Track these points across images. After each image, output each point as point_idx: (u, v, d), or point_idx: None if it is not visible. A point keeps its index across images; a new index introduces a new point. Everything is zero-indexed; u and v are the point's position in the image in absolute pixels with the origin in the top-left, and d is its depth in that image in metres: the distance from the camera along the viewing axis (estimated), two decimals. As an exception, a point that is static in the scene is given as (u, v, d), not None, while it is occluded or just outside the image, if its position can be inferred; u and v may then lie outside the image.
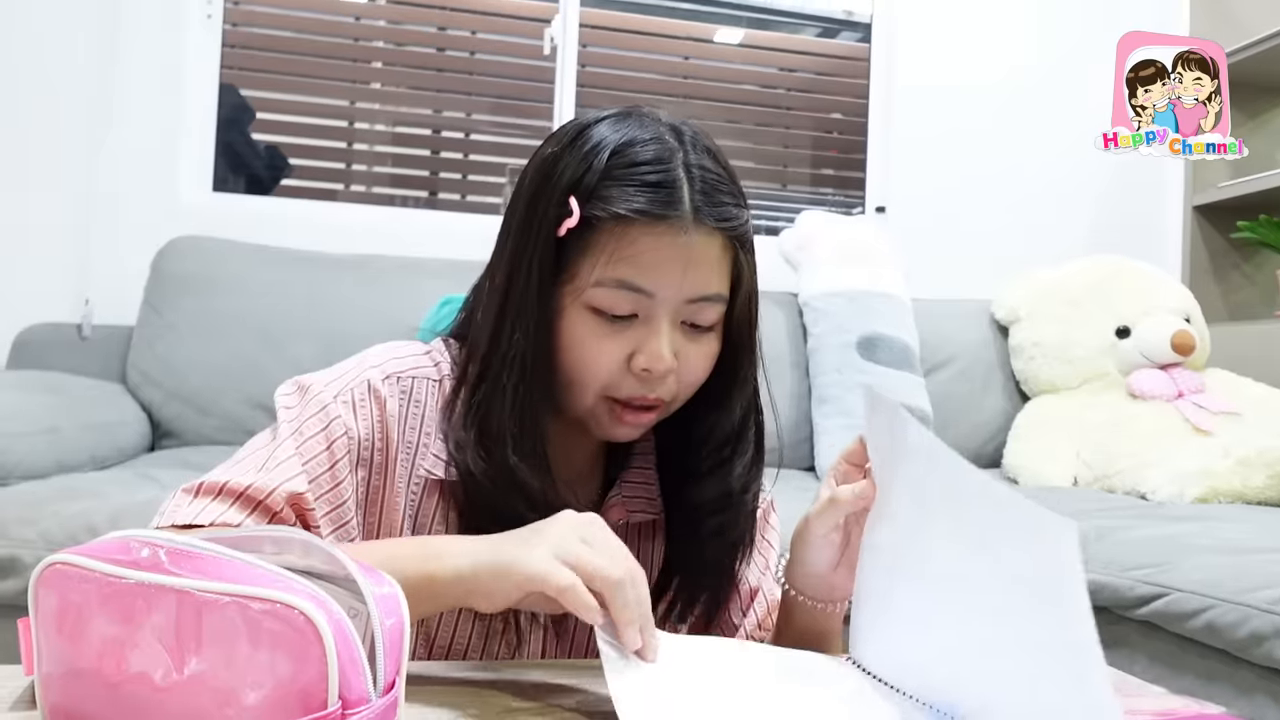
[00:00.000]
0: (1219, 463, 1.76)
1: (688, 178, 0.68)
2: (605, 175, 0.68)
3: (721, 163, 0.72)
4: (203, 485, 0.65)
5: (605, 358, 0.69)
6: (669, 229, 0.67)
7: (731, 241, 0.70)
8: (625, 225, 0.67)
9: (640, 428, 0.72)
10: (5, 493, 1.36)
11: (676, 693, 0.55)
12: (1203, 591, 1.23)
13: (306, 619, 0.42)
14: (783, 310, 2.20)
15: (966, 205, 2.61)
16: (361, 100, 2.51)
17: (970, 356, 2.27)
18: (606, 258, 0.67)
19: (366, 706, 0.42)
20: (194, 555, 0.46)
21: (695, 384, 0.72)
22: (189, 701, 0.44)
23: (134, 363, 1.95)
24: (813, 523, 0.69)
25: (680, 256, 0.67)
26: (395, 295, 2.01)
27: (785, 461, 2.06)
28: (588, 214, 0.67)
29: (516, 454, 0.69)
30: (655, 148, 0.69)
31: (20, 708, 0.53)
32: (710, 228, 0.68)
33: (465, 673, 0.64)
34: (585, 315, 0.68)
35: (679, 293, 0.68)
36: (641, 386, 0.69)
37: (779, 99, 2.71)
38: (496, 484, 0.68)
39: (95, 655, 0.47)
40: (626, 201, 0.67)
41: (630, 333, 0.69)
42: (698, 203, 0.68)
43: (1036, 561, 0.46)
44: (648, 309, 0.68)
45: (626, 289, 0.67)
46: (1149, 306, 2.15)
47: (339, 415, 0.69)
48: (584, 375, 0.70)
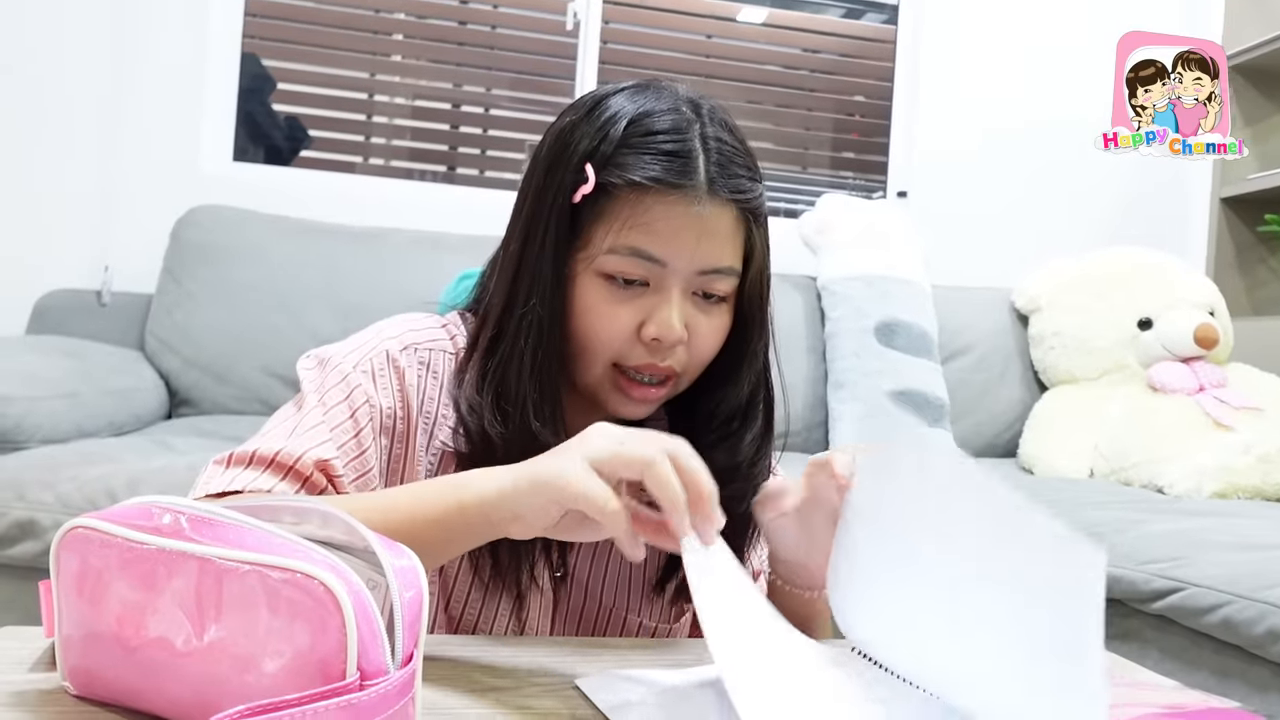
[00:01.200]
0: (1239, 458, 1.75)
1: (704, 149, 0.68)
2: (621, 144, 0.68)
3: (738, 137, 0.71)
4: (233, 456, 0.66)
5: (616, 325, 0.69)
6: (683, 198, 0.67)
7: (745, 215, 0.70)
8: (640, 193, 0.67)
9: (648, 404, 0.72)
10: (25, 456, 1.37)
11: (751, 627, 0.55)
12: (1220, 587, 1.22)
13: (326, 589, 0.42)
14: (801, 293, 2.18)
15: (989, 192, 2.59)
16: (382, 73, 2.49)
17: (989, 345, 2.26)
18: (620, 225, 0.67)
19: (384, 679, 0.42)
20: (215, 523, 0.46)
21: (706, 358, 0.72)
22: (208, 668, 0.44)
23: (152, 330, 1.96)
24: (759, 509, 0.70)
25: (693, 226, 0.67)
26: (413, 269, 2.01)
27: (799, 446, 2.05)
28: (603, 181, 0.68)
29: (539, 419, 0.69)
30: (672, 118, 0.69)
31: (40, 668, 0.54)
32: (724, 199, 0.68)
33: (481, 646, 0.64)
34: (597, 282, 0.69)
35: (691, 263, 0.68)
36: (651, 355, 0.69)
37: (801, 80, 2.68)
38: (513, 449, 0.68)
39: (115, 619, 0.47)
40: (642, 169, 0.67)
41: (641, 301, 0.69)
42: (713, 174, 0.68)
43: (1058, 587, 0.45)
44: (659, 278, 0.68)
45: (639, 257, 0.67)
46: (1172, 299, 2.13)
47: (359, 384, 0.70)
48: (594, 342, 0.70)
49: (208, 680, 0.44)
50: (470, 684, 0.56)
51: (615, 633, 0.78)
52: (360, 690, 0.41)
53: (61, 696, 0.50)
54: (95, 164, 2.14)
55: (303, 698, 0.40)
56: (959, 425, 2.10)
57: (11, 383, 1.46)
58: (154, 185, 2.16)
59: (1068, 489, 1.79)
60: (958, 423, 2.10)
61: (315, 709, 0.40)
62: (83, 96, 2.14)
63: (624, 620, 0.78)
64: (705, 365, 0.73)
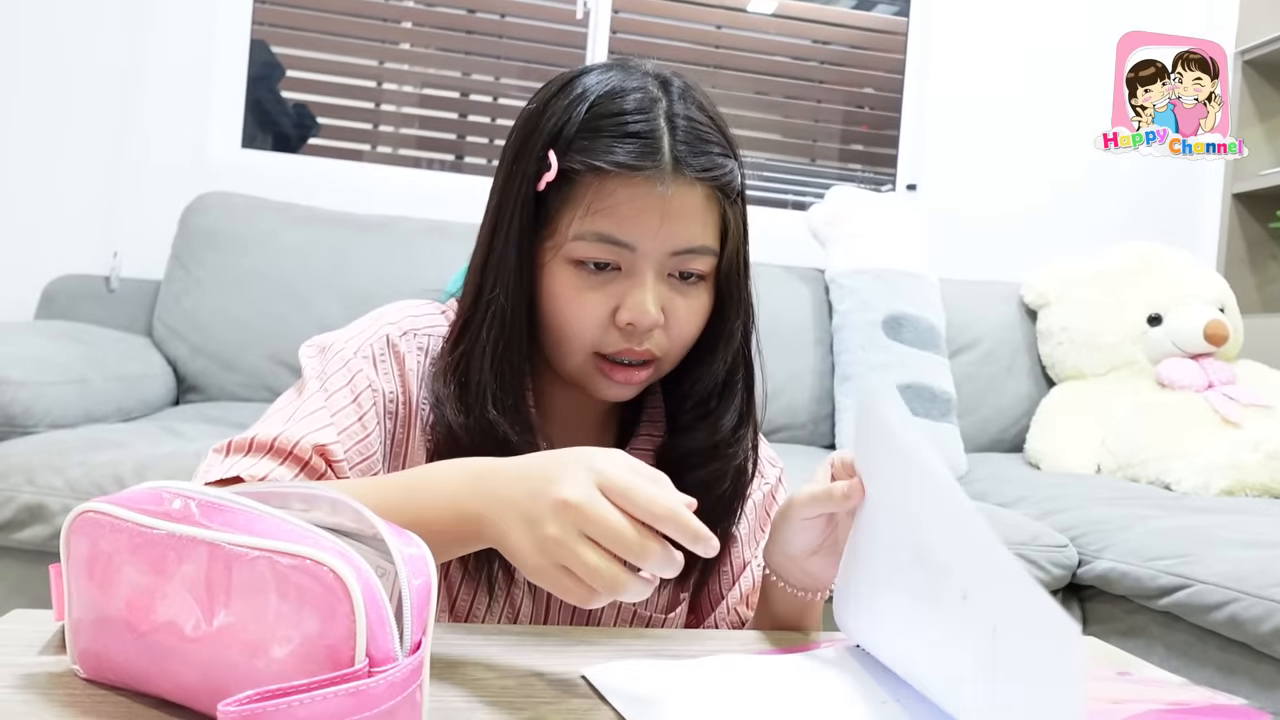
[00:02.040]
0: (1248, 456, 1.74)
1: (669, 128, 0.67)
2: (584, 127, 0.67)
3: (709, 112, 0.70)
4: (232, 443, 0.66)
5: (589, 312, 0.68)
6: (646, 180, 0.65)
7: (716, 192, 0.68)
8: (602, 177, 0.66)
9: (632, 386, 0.71)
10: (33, 440, 1.38)
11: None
12: (1227, 584, 1.22)
13: (336, 576, 0.42)
14: (809, 286, 2.18)
15: (999, 186, 2.57)
16: (390, 60, 2.49)
17: (996, 339, 2.25)
18: (584, 211, 0.66)
19: (393, 666, 0.42)
20: (225, 509, 0.47)
21: (687, 340, 0.71)
22: (217, 653, 0.45)
23: (160, 317, 1.96)
24: (798, 504, 0.67)
25: (658, 208, 0.66)
26: (420, 257, 2.01)
27: (806, 439, 2.05)
28: (565, 166, 0.67)
29: (496, 409, 0.68)
30: (638, 97, 0.68)
31: (50, 651, 0.54)
32: (691, 179, 0.67)
33: (486, 636, 0.64)
34: (567, 269, 0.68)
35: (661, 245, 0.67)
36: (628, 340, 0.68)
37: (811, 71, 2.67)
38: (475, 439, 0.68)
39: (124, 603, 0.48)
40: (603, 154, 0.66)
41: (614, 286, 0.68)
42: (679, 152, 0.66)
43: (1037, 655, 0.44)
44: (630, 262, 0.67)
45: (605, 242, 0.66)
46: (1182, 295, 2.12)
47: (361, 369, 0.70)
48: (569, 331, 0.69)
49: (216, 665, 0.45)
50: (476, 673, 0.56)
51: (609, 622, 0.78)
52: (369, 677, 0.41)
53: (71, 679, 0.50)
54: (104, 150, 2.14)
55: (311, 684, 0.40)
56: (965, 420, 2.10)
57: (21, 367, 1.47)
58: (163, 172, 2.16)
59: (1074, 484, 1.79)
60: (964, 417, 2.09)
61: (324, 695, 0.40)
62: (92, 82, 2.14)
63: (618, 608, 0.77)
64: (687, 347, 0.72)
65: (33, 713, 0.47)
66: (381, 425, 0.70)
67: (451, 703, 0.50)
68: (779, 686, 0.58)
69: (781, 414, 2.03)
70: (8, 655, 0.53)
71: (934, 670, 0.54)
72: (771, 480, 0.84)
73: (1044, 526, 1.50)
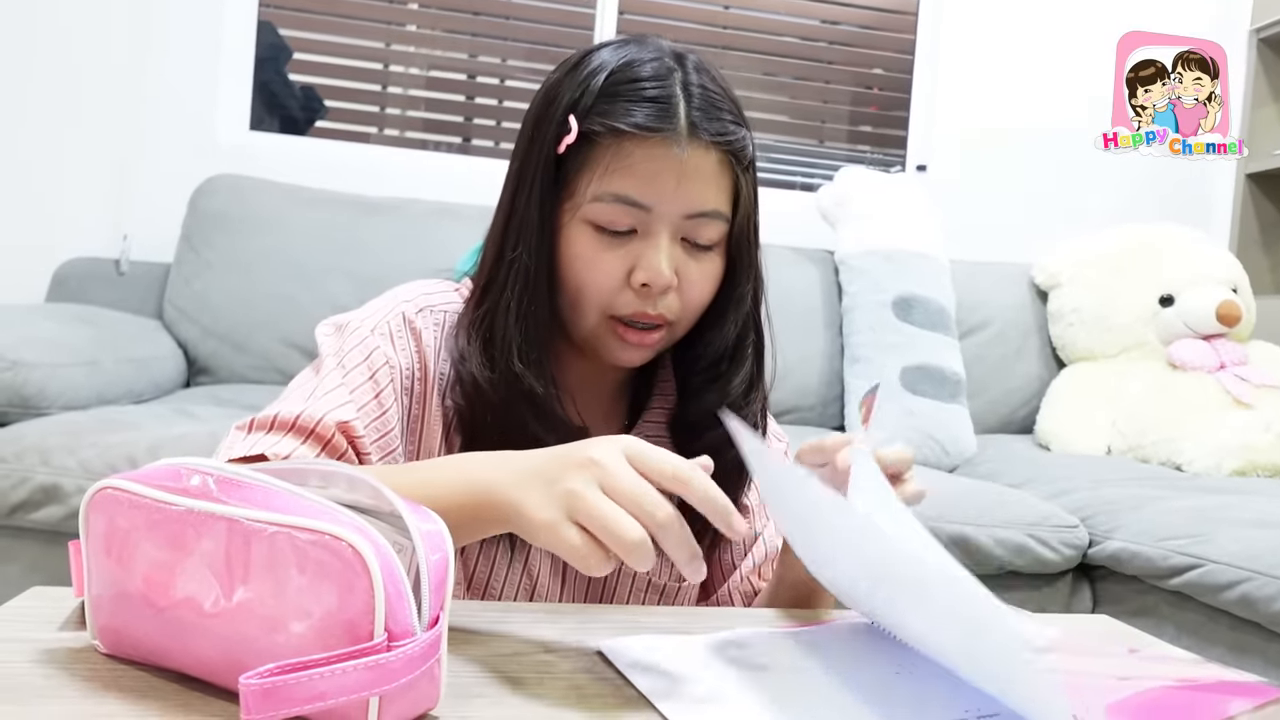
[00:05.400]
0: (1259, 436, 1.73)
1: (685, 94, 0.69)
2: (603, 93, 0.69)
3: (721, 84, 0.72)
4: (254, 421, 0.66)
5: (604, 273, 0.69)
6: (664, 142, 0.67)
7: (729, 158, 0.70)
8: (621, 139, 0.68)
9: (645, 349, 0.73)
10: (47, 422, 1.38)
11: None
12: (1239, 564, 1.22)
13: (354, 551, 0.42)
14: (818, 267, 2.17)
15: (1010, 166, 2.55)
16: (397, 43, 2.48)
17: (1007, 320, 2.24)
18: (603, 172, 0.68)
19: (412, 640, 0.42)
20: (243, 484, 0.47)
21: (699, 304, 0.73)
22: (236, 628, 0.45)
23: (170, 299, 1.97)
24: (798, 457, 0.69)
25: (675, 170, 0.68)
26: (430, 239, 2.00)
27: (815, 420, 2.05)
28: (585, 129, 0.69)
29: (521, 361, 0.70)
30: (654, 66, 0.70)
31: (69, 627, 0.54)
32: (706, 143, 0.69)
33: (501, 611, 0.64)
34: (585, 231, 0.70)
35: (676, 207, 0.69)
36: (642, 303, 0.70)
37: (820, 52, 2.65)
38: (500, 391, 0.69)
39: (143, 579, 0.48)
40: (622, 116, 0.68)
41: (629, 248, 0.69)
42: (694, 118, 0.68)
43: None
44: (646, 224, 0.69)
45: (623, 203, 0.68)
46: (1195, 275, 2.10)
47: (378, 346, 0.71)
48: (585, 291, 0.70)
49: (236, 640, 0.45)
50: (492, 648, 0.56)
51: (624, 590, 0.79)
52: (388, 650, 0.41)
53: (91, 655, 0.51)
54: (113, 133, 2.14)
55: (330, 657, 0.40)
56: (975, 401, 2.09)
57: (34, 349, 1.48)
58: (171, 154, 2.16)
59: (1085, 465, 1.78)
60: (974, 399, 2.09)
61: (344, 668, 0.40)
62: (100, 65, 2.14)
63: (634, 578, 0.79)
64: (699, 312, 0.73)
65: (53, 687, 0.47)
66: (399, 401, 0.71)
67: (468, 677, 0.51)
68: (793, 660, 0.59)
69: (791, 395, 2.02)
70: (27, 631, 0.53)
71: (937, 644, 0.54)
72: (778, 451, 0.85)
73: (1054, 507, 1.50)
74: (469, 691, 0.49)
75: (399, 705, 0.43)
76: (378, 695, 0.41)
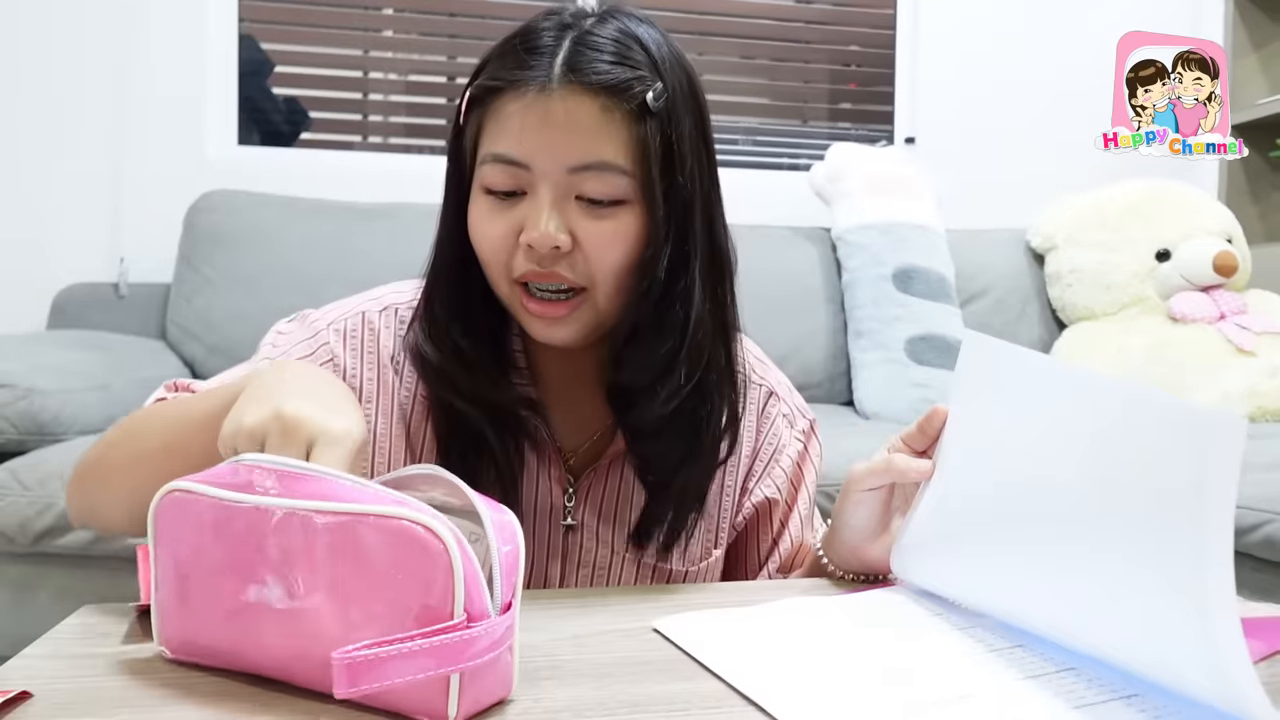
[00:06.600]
0: (1265, 382, 1.75)
1: (572, 44, 0.65)
2: (494, 54, 0.67)
3: (637, 35, 0.67)
4: (177, 384, 0.74)
5: (497, 236, 0.66)
6: (529, 91, 0.64)
7: (616, 101, 0.64)
8: (494, 97, 0.66)
9: (558, 322, 0.68)
10: (65, 447, 1.38)
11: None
12: (1260, 506, 1.23)
13: (431, 532, 0.42)
14: (815, 245, 2.18)
15: (998, 133, 2.56)
16: (375, 49, 2.47)
17: (1006, 286, 2.25)
18: (487, 133, 0.66)
19: (489, 621, 0.43)
20: (306, 478, 0.47)
21: (611, 265, 0.66)
22: (313, 620, 0.45)
23: (173, 319, 1.96)
24: (856, 477, 0.67)
25: (545, 120, 0.63)
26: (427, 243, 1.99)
27: (823, 397, 2.06)
28: (472, 94, 0.67)
29: (465, 336, 0.70)
30: (556, 20, 0.67)
31: (132, 640, 0.54)
32: (583, 86, 0.63)
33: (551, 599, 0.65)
34: (481, 198, 0.68)
35: (554, 161, 0.64)
36: (534, 264, 0.66)
37: (797, 32, 2.65)
38: (441, 361, 0.70)
39: (214, 580, 0.48)
40: (493, 73, 0.66)
41: (519, 210, 0.66)
42: (574, 63, 0.64)
43: (1190, 465, 0.45)
44: (530, 182, 0.65)
45: (502, 162, 0.65)
46: (1189, 228, 2.12)
47: (328, 342, 0.73)
48: (485, 257, 0.68)
49: (313, 633, 0.45)
50: (550, 633, 0.57)
51: (630, 576, 0.77)
52: (469, 628, 0.42)
53: (159, 663, 0.51)
54: (103, 155, 2.13)
55: (417, 634, 0.41)
56: (980, 367, 2.10)
57: (45, 377, 1.47)
58: (162, 173, 2.15)
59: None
60: (979, 365, 2.10)
61: (430, 643, 0.41)
62: (87, 88, 2.12)
63: (639, 563, 0.76)
64: (615, 274, 0.67)
65: (130, 698, 0.47)
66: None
67: (533, 662, 0.51)
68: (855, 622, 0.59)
69: (797, 374, 2.03)
70: (90, 646, 0.54)
71: (1049, 605, 0.54)
72: (801, 430, 0.83)
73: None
74: (537, 675, 0.50)
75: (476, 690, 0.44)
76: (459, 673, 0.42)
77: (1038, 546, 0.55)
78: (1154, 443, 0.47)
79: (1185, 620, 0.45)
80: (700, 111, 0.70)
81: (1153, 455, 0.47)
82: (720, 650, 0.53)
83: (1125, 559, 0.49)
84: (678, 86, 0.67)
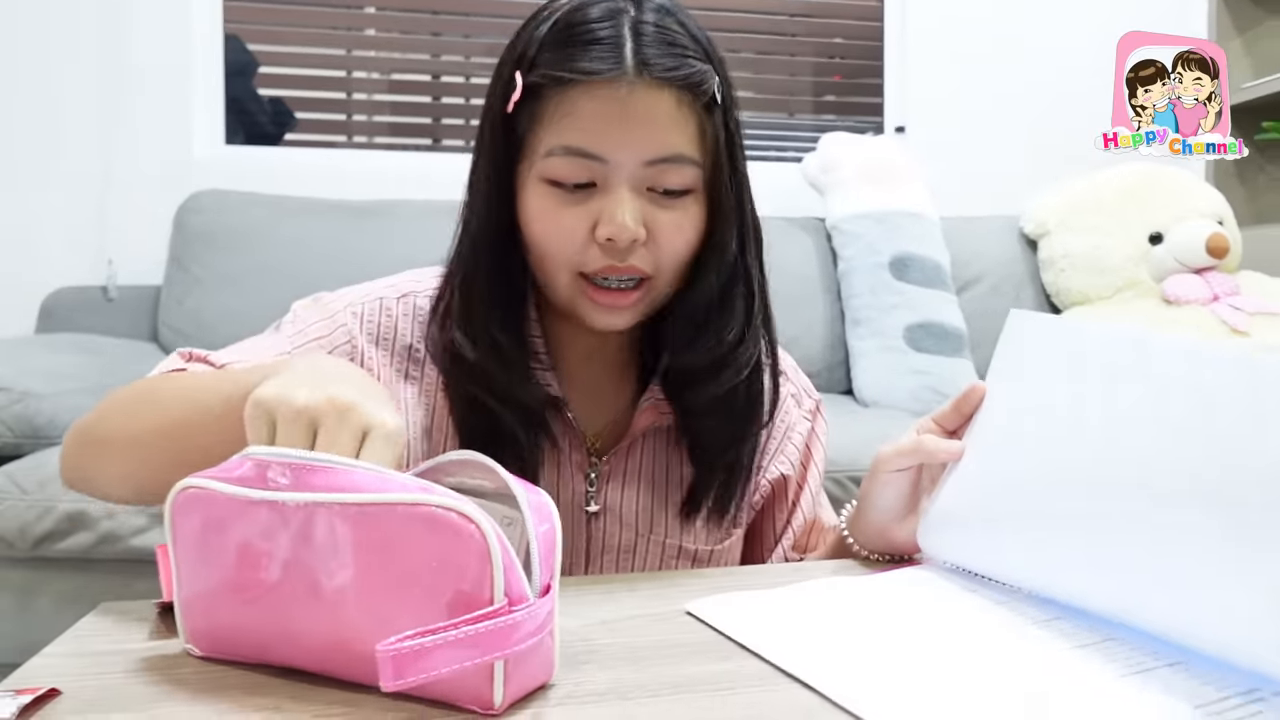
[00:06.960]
0: (1261, 362, 1.76)
1: (633, 33, 0.64)
2: (546, 43, 0.65)
3: (681, 21, 0.67)
4: (193, 354, 0.71)
5: (567, 230, 0.66)
6: (608, 85, 0.63)
7: (688, 95, 0.65)
8: (565, 88, 0.64)
9: (621, 311, 0.68)
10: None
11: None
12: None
13: (464, 517, 0.41)
14: (810, 235, 2.17)
15: (989, 119, 2.56)
16: (358, 48, 2.45)
17: (1000, 272, 2.25)
18: (552, 125, 0.65)
19: (529, 604, 0.42)
20: (320, 469, 0.45)
21: (678, 255, 0.68)
22: (343, 611, 0.44)
23: (165, 320, 1.94)
24: (884, 458, 0.67)
25: (624, 115, 0.63)
26: (420, 240, 1.97)
27: (822, 386, 2.05)
28: (530, 83, 0.65)
29: (504, 330, 0.69)
30: (603, 8, 0.66)
31: (156, 636, 0.53)
32: (659, 81, 0.64)
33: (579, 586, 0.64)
34: (543, 189, 0.66)
35: (633, 155, 0.64)
36: (609, 257, 0.66)
37: (782, 25, 2.64)
38: (480, 357, 0.68)
39: (237, 575, 0.47)
40: (564, 63, 0.64)
41: (592, 203, 0.65)
42: (644, 56, 0.64)
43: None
44: (604, 175, 0.65)
45: (575, 155, 0.64)
46: (1181, 211, 2.12)
47: (345, 324, 0.72)
48: (549, 250, 0.67)
49: (343, 623, 0.44)
50: (584, 618, 0.56)
51: (655, 559, 0.77)
52: (511, 613, 0.41)
53: (186, 659, 0.50)
54: (90, 157, 2.10)
55: (458, 621, 0.40)
56: (978, 354, 2.10)
57: (38, 380, 1.45)
58: (150, 174, 2.12)
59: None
60: (976, 351, 2.10)
61: (474, 630, 0.40)
62: (73, 89, 2.09)
63: (663, 545, 0.76)
64: (680, 263, 0.68)
65: (159, 694, 0.46)
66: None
67: (571, 647, 0.50)
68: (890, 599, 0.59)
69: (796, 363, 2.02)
70: (113, 644, 0.52)
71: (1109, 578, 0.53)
72: (808, 410, 0.83)
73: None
74: (576, 660, 0.49)
75: (520, 675, 0.43)
76: (504, 659, 0.41)
77: (1109, 521, 0.54)
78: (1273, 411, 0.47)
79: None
80: (734, 95, 0.72)
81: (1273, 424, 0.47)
82: (759, 630, 0.52)
83: (1227, 529, 0.48)
84: (724, 73, 0.69)
